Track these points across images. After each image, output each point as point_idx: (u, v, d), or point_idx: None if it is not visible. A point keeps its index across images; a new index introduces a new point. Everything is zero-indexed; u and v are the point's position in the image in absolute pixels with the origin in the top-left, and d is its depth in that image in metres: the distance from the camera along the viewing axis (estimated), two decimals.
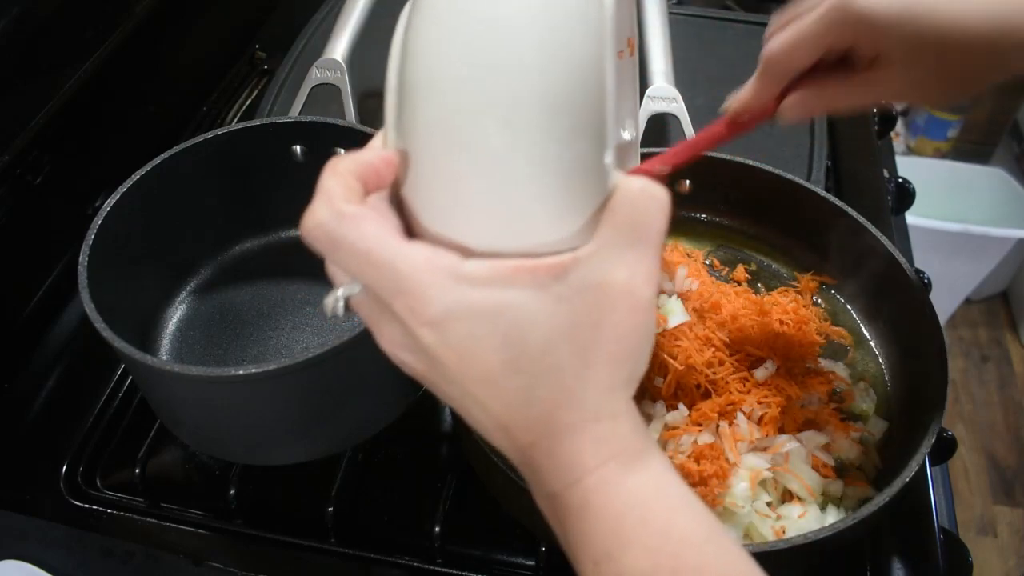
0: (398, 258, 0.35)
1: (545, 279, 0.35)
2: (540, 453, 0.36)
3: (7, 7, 0.73)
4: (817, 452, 0.62)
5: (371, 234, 0.35)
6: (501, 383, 0.35)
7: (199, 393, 0.60)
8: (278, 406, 0.60)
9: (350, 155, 0.38)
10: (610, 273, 0.35)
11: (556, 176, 0.35)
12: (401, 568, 0.65)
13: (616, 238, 0.35)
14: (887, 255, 0.69)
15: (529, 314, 0.35)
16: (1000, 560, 1.76)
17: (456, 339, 0.35)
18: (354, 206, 0.36)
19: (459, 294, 0.35)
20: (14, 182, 0.76)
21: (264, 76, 1.10)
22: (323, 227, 0.36)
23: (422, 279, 0.35)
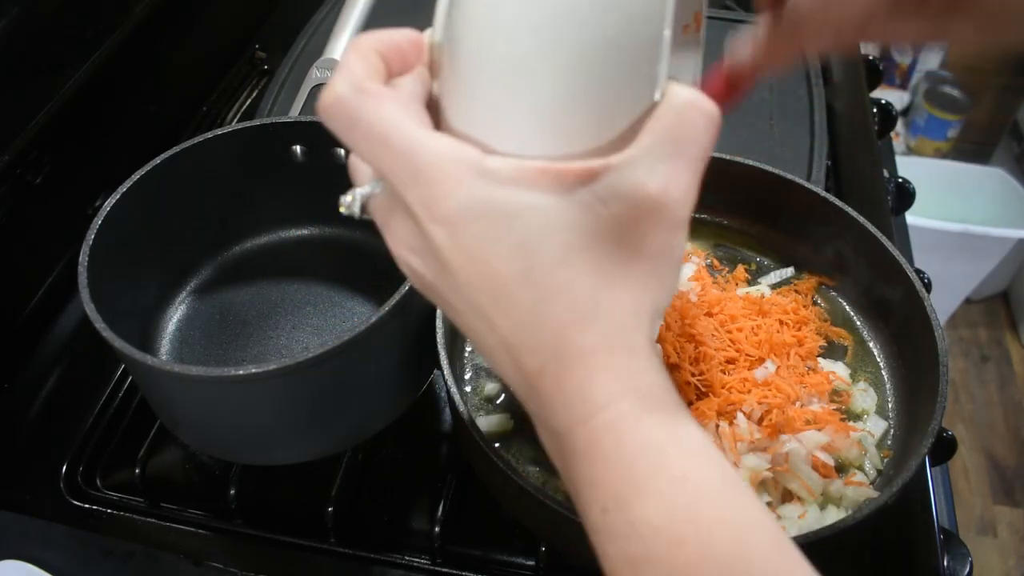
0: (418, 145, 0.32)
1: (572, 184, 0.32)
2: (547, 381, 0.33)
3: (7, 7, 0.73)
4: (817, 452, 0.62)
5: (392, 116, 0.33)
6: (511, 296, 0.33)
7: (199, 393, 0.60)
8: (278, 406, 0.60)
9: (375, 32, 0.35)
10: (643, 183, 0.32)
11: (599, 79, 0.32)
12: (401, 568, 0.65)
13: (655, 147, 0.32)
14: (887, 255, 0.69)
15: (549, 220, 0.32)
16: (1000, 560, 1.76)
17: (469, 240, 0.32)
18: (376, 84, 0.33)
19: (478, 190, 0.32)
20: (14, 182, 0.76)
21: (264, 76, 1.10)
22: (342, 102, 0.33)
23: (441, 170, 0.32)
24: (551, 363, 0.33)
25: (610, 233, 0.32)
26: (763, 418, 0.64)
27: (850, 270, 0.74)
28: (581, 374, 0.33)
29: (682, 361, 0.65)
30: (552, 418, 0.34)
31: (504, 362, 0.35)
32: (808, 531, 0.55)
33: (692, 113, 0.33)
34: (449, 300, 0.35)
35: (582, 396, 0.33)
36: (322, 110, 0.33)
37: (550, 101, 0.33)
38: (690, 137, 0.33)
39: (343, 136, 0.33)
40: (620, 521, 0.32)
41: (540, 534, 0.63)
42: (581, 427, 0.33)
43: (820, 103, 0.96)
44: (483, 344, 0.35)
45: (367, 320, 0.57)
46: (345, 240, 0.79)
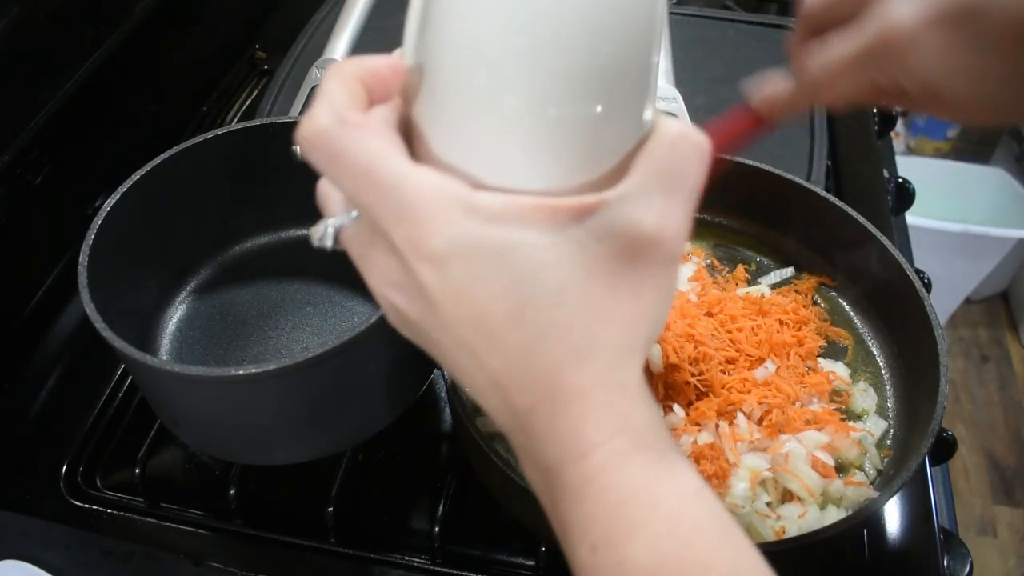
0: (404, 179, 0.31)
1: (565, 221, 0.31)
2: (539, 419, 0.32)
3: (7, 7, 0.73)
4: (817, 452, 0.62)
5: (376, 149, 0.31)
6: (502, 335, 0.31)
7: (199, 393, 0.60)
8: (278, 406, 0.60)
9: (355, 59, 0.33)
10: (638, 220, 0.31)
11: (588, 110, 0.31)
12: (401, 568, 0.65)
13: (648, 183, 0.31)
14: (887, 255, 0.69)
15: (542, 259, 0.31)
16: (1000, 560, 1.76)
17: (458, 279, 0.31)
18: (359, 115, 0.32)
19: (467, 228, 0.30)
20: (14, 182, 0.76)
21: (264, 76, 1.10)
22: (323, 135, 0.31)
23: (428, 206, 0.30)
24: (544, 401, 0.32)
25: (604, 270, 0.31)
26: (763, 418, 0.64)
27: (850, 270, 0.74)
28: (574, 413, 0.32)
29: (682, 361, 0.65)
30: (541, 456, 0.33)
31: (492, 399, 0.34)
32: (808, 531, 0.55)
33: (684, 146, 0.32)
34: (433, 337, 0.34)
35: (575, 435, 0.32)
36: (302, 141, 0.32)
37: (538, 133, 0.31)
38: (684, 171, 0.32)
39: (324, 169, 0.32)
40: (610, 561, 0.31)
41: (540, 534, 0.63)
42: (572, 466, 0.32)
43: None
44: (470, 381, 0.34)
45: (367, 320, 0.57)
46: None
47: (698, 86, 0.98)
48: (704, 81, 0.99)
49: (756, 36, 1.07)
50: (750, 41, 1.06)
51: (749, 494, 0.60)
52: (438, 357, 0.35)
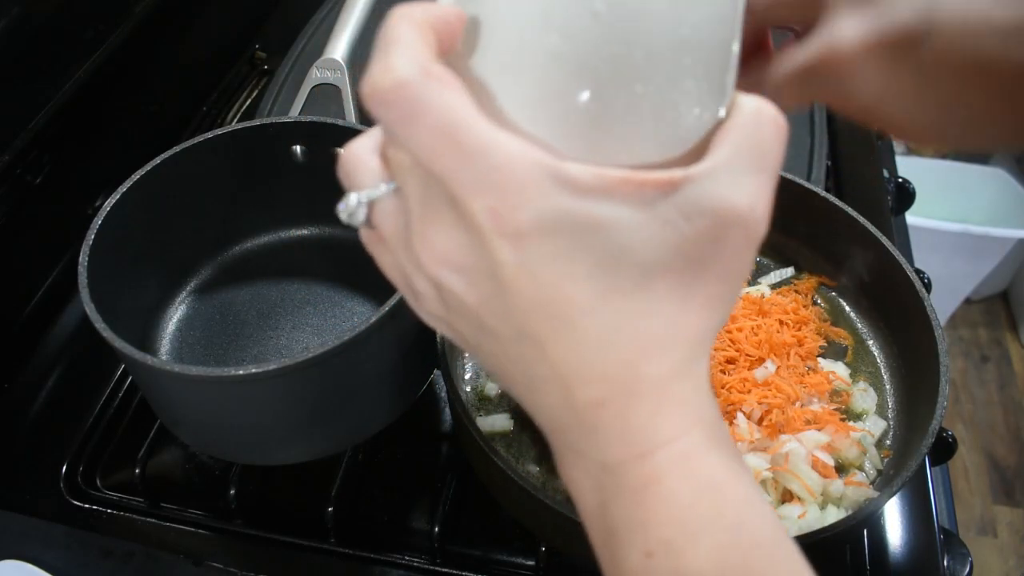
0: (492, 144, 0.27)
1: (653, 195, 0.28)
2: (606, 413, 0.30)
3: (7, 7, 0.73)
4: (817, 452, 0.62)
5: (461, 107, 0.27)
6: (578, 322, 0.29)
7: (199, 393, 0.60)
8: (278, 406, 0.60)
9: (420, 4, 0.30)
10: (730, 198, 0.28)
11: (673, 80, 0.30)
12: (401, 568, 0.65)
13: (738, 159, 0.29)
14: (887, 255, 0.69)
15: (630, 237, 0.28)
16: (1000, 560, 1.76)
17: (539, 258, 0.28)
18: (441, 67, 0.28)
19: (556, 200, 0.27)
20: (14, 182, 0.76)
21: (264, 76, 1.10)
22: (406, 87, 0.27)
23: (517, 175, 0.27)
24: (618, 395, 0.29)
25: (690, 251, 0.29)
26: (763, 418, 0.64)
27: (850, 270, 0.74)
28: (649, 406, 0.29)
29: None
30: (601, 453, 0.30)
31: (549, 394, 0.31)
32: (808, 531, 0.55)
33: (767, 121, 0.30)
34: (489, 325, 0.30)
35: (647, 429, 0.29)
36: (377, 95, 0.27)
37: (624, 105, 0.29)
38: (769, 147, 0.30)
39: (398, 127, 0.28)
40: (666, 568, 0.29)
41: (540, 534, 0.63)
42: (639, 462, 0.29)
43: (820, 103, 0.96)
44: (522, 375, 0.31)
45: (367, 320, 0.57)
46: (345, 240, 0.79)
47: None
48: None
49: None
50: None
51: None
52: (483, 349, 0.32)
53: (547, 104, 0.29)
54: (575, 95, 0.29)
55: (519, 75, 0.30)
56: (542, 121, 0.29)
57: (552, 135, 0.29)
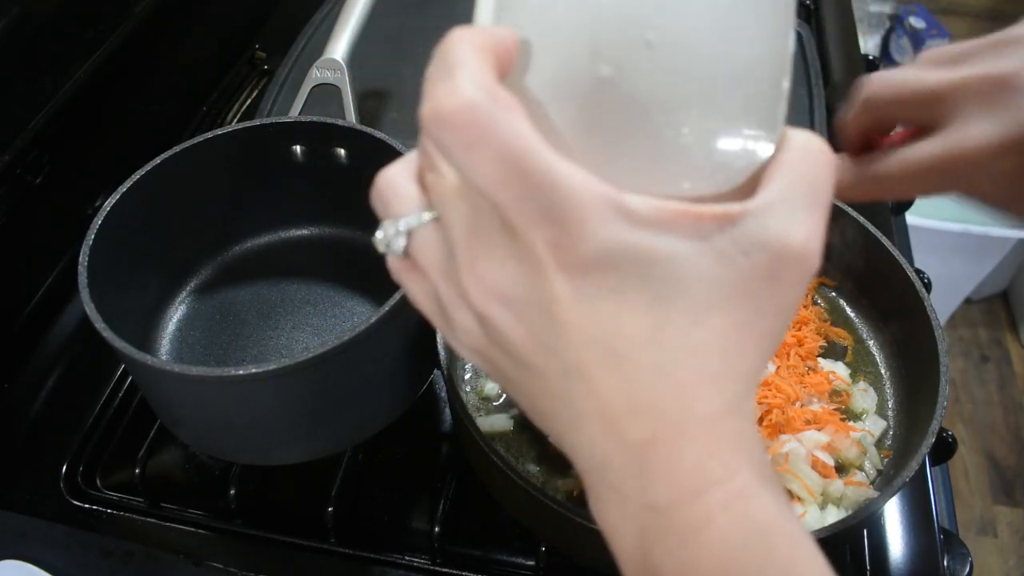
0: (557, 174, 0.26)
1: (710, 229, 0.28)
2: (656, 452, 0.28)
3: (7, 7, 0.73)
4: (817, 452, 0.62)
5: (527, 134, 0.26)
6: (632, 357, 0.28)
7: (199, 393, 0.60)
8: (278, 406, 0.60)
9: (478, 28, 0.28)
10: (787, 232, 0.28)
11: (726, 114, 0.29)
12: (401, 568, 0.65)
13: (792, 194, 0.29)
14: (887, 255, 0.69)
15: (688, 271, 0.28)
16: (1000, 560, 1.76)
17: (599, 292, 0.27)
18: (506, 92, 0.27)
19: (617, 233, 0.27)
20: (14, 182, 0.76)
21: (264, 76, 1.10)
22: (474, 110, 0.26)
23: (581, 207, 0.26)
24: (669, 434, 0.28)
25: (746, 286, 0.28)
26: (763, 418, 0.64)
27: (850, 270, 0.74)
28: (701, 445, 0.28)
29: None
30: (648, 493, 0.29)
31: (592, 432, 0.29)
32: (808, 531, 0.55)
33: (818, 155, 0.30)
34: (534, 362, 0.29)
35: (699, 469, 0.28)
36: (441, 117, 0.26)
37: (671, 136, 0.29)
38: (821, 182, 0.30)
39: (460, 152, 0.26)
40: None
41: (540, 534, 0.63)
42: (688, 504, 0.28)
43: (820, 103, 0.96)
44: (566, 411, 0.30)
45: (367, 320, 0.57)
46: (345, 240, 0.79)
47: None
48: None
49: None
50: None
51: None
52: (523, 386, 0.31)
53: (595, 133, 0.29)
54: (623, 125, 0.29)
55: (568, 102, 0.29)
56: (591, 150, 0.29)
57: (599, 165, 0.28)
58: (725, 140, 0.29)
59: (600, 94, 0.29)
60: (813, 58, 1.03)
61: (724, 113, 0.29)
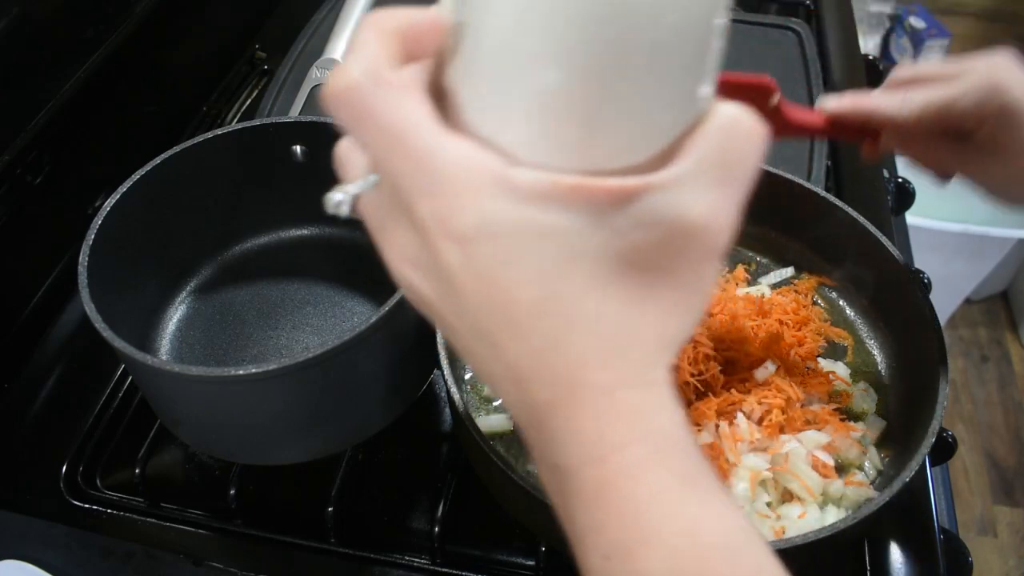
0: (437, 148, 0.28)
1: (605, 204, 0.28)
2: (557, 416, 0.30)
3: (7, 7, 0.73)
4: (817, 452, 0.62)
5: (410, 112, 0.28)
6: (526, 325, 0.29)
7: (199, 393, 0.60)
8: (278, 406, 0.60)
9: (395, 11, 0.30)
10: (688, 208, 0.28)
11: (643, 86, 0.29)
12: (401, 568, 0.65)
13: (699, 169, 0.29)
14: (887, 255, 0.69)
15: (578, 244, 0.28)
16: (1000, 560, 1.76)
17: (484, 262, 0.29)
18: (396, 73, 0.29)
19: (500, 206, 0.28)
20: (14, 182, 0.76)
21: (264, 76, 1.10)
22: (356, 90, 0.29)
23: (460, 179, 0.28)
24: (565, 399, 0.30)
25: (643, 260, 0.29)
26: (763, 418, 0.64)
27: (850, 270, 0.74)
28: (597, 412, 0.30)
29: (682, 361, 0.65)
30: (557, 455, 0.30)
31: (509, 391, 0.31)
32: (808, 531, 0.55)
33: (740, 131, 0.30)
34: (450, 321, 0.31)
35: (596, 435, 0.30)
36: (331, 97, 0.29)
37: (587, 109, 0.29)
38: (739, 159, 0.30)
39: (351, 128, 0.30)
40: (621, 571, 0.29)
41: (540, 534, 0.63)
42: (590, 468, 0.30)
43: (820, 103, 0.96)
44: (485, 371, 0.32)
45: (367, 320, 0.57)
46: (345, 240, 0.79)
47: None
48: None
49: (756, 36, 1.07)
50: (750, 41, 1.06)
51: (749, 494, 0.60)
52: (453, 342, 0.33)
53: (510, 109, 0.29)
54: (541, 101, 0.29)
55: (483, 81, 0.30)
56: (504, 127, 0.29)
57: (514, 141, 0.29)
58: (644, 111, 0.29)
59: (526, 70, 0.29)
60: (813, 58, 1.03)
61: (644, 84, 0.29)
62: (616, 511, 0.29)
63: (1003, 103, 0.50)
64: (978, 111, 0.51)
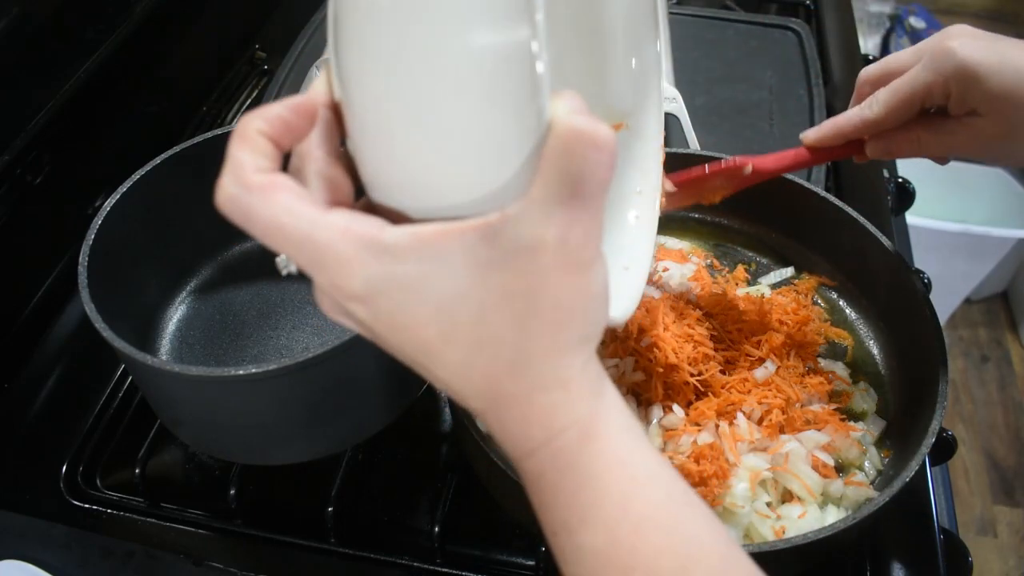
0: (314, 231, 0.32)
1: (472, 242, 0.32)
2: (491, 421, 0.35)
3: (7, 7, 0.73)
4: (817, 452, 0.62)
5: (283, 206, 0.33)
6: (440, 353, 0.34)
7: (199, 393, 0.60)
8: (278, 406, 0.60)
9: (259, 111, 0.35)
10: (540, 234, 0.31)
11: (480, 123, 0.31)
12: (401, 568, 0.65)
13: (547, 193, 0.31)
14: (887, 255, 0.69)
15: (458, 283, 0.32)
16: (1000, 560, 1.76)
17: (386, 313, 0.33)
18: (263, 176, 0.33)
19: (381, 267, 0.32)
20: (14, 182, 0.76)
21: (264, 76, 1.10)
22: (233, 201, 0.33)
23: (340, 253, 0.32)
24: (491, 408, 0.34)
25: (518, 285, 0.32)
26: (763, 418, 0.64)
27: (850, 270, 0.74)
28: (518, 416, 0.34)
29: (682, 361, 0.65)
30: (504, 449, 0.35)
31: (456, 399, 0.36)
32: (808, 531, 0.55)
33: (579, 146, 0.31)
34: (390, 351, 0.36)
35: (523, 435, 0.34)
36: (219, 207, 0.34)
37: (437, 154, 0.32)
38: (582, 174, 0.31)
39: (244, 230, 0.34)
40: (569, 546, 0.34)
41: (540, 534, 0.63)
42: (526, 461, 0.34)
43: (820, 103, 0.96)
44: (434, 383, 0.36)
45: None
46: None
47: (698, 86, 0.98)
48: (704, 81, 0.99)
49: (756, 36, 1.07)
50: (750, 41, 1.06)
51: (749, 494, 0.60)
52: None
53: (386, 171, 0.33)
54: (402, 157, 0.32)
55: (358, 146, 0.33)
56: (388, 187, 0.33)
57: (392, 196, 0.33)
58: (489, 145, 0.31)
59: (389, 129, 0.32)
60: (813, 58, 1.03)
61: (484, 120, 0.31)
62: (553, 494, 0.34)
63: (956, 64, 0.51)
64: (939, 81, 0.53)
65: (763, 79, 0.99)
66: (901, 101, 0.55)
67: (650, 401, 0.65)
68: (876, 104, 0.56)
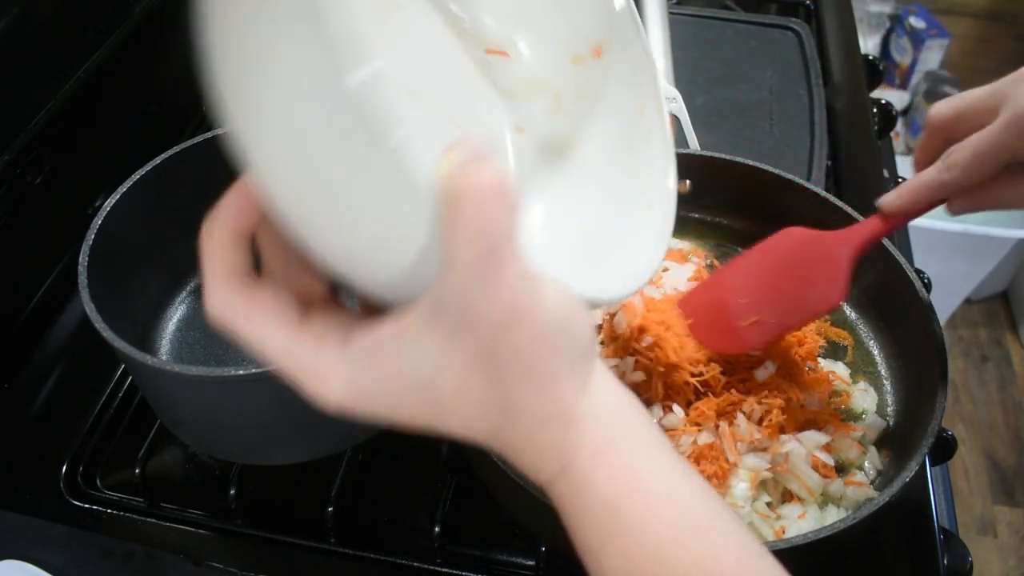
0: (286, 356, 0.35)
1: (429, 319, 0.32)
2: (509, 458, 0.36)
3: (7, 7, 0.73)
4: (817, 452, 0.62)
5: (261, 330, 0.36)
6: (440, 424, 0.35)
7: (199, 393, 0.60)
8: (278, 406, 0.60)
9: (221, 210, 0.38)
10: (468, 298, 0.31)
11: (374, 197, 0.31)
12: (401, 568, 0.65)
13: (456, 256, 0.30)
14: (887, 255, 0.69)
15: (429, 365, 0.33)
16: (1000, 560, 1.76)
17: (374, 408, 0.35)
18: (239, 298, 0.36)
19: (354, 379, 0.34)
20: (14, 182, 0.76)
21: None
22: (219, 322, 0.36)
23: (312, 373, 0.35)
24: (503, 450, 0.36)
25: (478, 349, 0.32)
26: (763, 418, 0.64)
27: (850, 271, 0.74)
28: (531, 453, 0.35)
29: (682, 361, 0.65)
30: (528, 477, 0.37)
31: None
32: (808, 531, 0.55)
33: (466, 206, 0.29)
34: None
35: (540, 468, 0.36)
36: (211, 321, 0.37)
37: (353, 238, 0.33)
38: (479, 231, 0.30)
39: (236, 340, 0.37)
40: (595, 567, 0.35)
41: (540, 534, 0.63)
42: (549, 488, 0.36)
43: (820, 103, 0.96)
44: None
45: None
46: None
47: (698, 86, 0.98)
48: (704, 81, 0.99)
49: (756, 36, 1.07)
50: (750, 41, 1.06)
51: (749, 494, 0.60)
52: None
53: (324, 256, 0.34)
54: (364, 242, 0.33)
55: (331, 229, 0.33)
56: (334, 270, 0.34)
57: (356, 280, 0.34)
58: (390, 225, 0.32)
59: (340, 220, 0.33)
60: (813, 58, 1.03)
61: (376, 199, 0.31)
62: (575, 519, 0.35)
63: None
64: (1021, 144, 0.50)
65: (763, 79, 0.99)
66: (984, 164, 0.52)
67: (650, 401, 0.65)
68: (955, 168, 0.54)
